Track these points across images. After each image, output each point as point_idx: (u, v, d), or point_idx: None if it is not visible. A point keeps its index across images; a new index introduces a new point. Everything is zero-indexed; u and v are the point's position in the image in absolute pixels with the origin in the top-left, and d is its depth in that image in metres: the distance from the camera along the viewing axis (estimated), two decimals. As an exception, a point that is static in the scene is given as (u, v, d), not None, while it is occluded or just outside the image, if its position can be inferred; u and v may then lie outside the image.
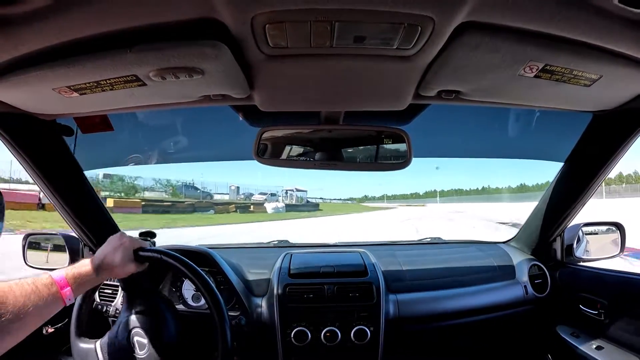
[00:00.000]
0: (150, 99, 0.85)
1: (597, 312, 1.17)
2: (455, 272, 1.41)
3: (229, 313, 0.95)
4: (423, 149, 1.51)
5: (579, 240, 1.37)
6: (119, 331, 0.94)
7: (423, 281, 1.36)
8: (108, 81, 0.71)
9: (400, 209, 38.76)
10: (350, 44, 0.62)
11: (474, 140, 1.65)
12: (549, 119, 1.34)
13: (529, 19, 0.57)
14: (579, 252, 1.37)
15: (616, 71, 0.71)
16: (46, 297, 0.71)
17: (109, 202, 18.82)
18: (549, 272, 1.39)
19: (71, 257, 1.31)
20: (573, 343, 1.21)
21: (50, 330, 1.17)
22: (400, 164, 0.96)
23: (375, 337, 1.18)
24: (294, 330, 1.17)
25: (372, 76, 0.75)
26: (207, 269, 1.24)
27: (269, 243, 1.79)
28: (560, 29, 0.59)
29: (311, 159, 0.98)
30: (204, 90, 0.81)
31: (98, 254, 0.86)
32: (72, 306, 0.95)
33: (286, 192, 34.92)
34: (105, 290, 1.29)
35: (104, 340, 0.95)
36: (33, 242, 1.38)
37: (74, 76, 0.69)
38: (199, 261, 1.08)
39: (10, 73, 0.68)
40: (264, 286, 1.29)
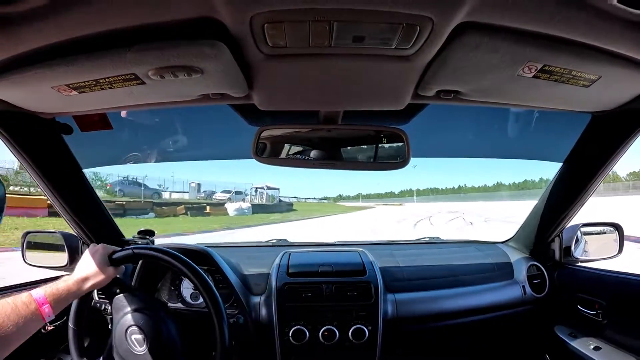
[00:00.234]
0: (149, 97, 0.85)
1: (595, 313, 1.18)
2: (453, 272, 1.41)
3: (227, 312, 0.95)
4: (421, 149, 1.52)
5: (577, 240, 1.37)
6: (116, 334, 0.95)
7: (421, 281, 1.36)
8: (107, 80, 0.71)
9: (379, 209, 36.88)
10: (349, 43, 0.62)
11: (472, 141, 1.65)
12: (547, 119, 1.35)
13: (528, 19, 0.57)
14: (578, 253, 1.37)
15: (615, 72, 0.71)
16: (26, 315, 0.73)
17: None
18: (547, 273, 1.39)
19: (70, 255, 1.31)
20: (571, 343, 1.21)
21: (49, 328, 1.17)
22: (398, 163, 0.96)
23: (373, 336, 1.18)
24: (292, 329, 1.18)
25: (370, 76, 0.75)
26: (206, 267, 1.24)
27: (267, 242, 1.80)
28: (559, 30, 0.59)
29: (310, 158, 0.98)
30: (203, 89, 0.81)
31: (76, 268, 0.90)
32: (71, 305, 0.96)
33: (256, 190, 30.06)
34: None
35: (105, 356, 0.97)
36: (32, 241, 1.38)
37: (73, 75, 0.69)
38: (198, 260, 1.08)
39: (9, 71, 0.68)
40: (262, 285, 1.30)
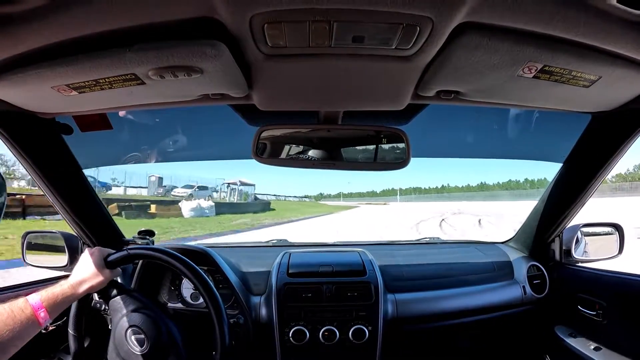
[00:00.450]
0: (149, 97, 0.85)
1: (595, 313, 1.17)
2: (453, 272, 1.41)
3: (227, 312, 0.95)
4: (421, 149, 1.52)
5: (577, 241, 1.37)
6: (115, 336, 0.96)
7: (421, 281, 1.36)
8: (107, 80, 0.71)
9: (363, 208, 35.58)
10: (349, 43, 0.62)
11: (472, 141, 1.65)
12: (547, 119, 1.34)
13: (528, 19, 0.57)
14: (578, 253, 1.37)
15: (615, 72, 0.70)
16: (22, 320, 0.73)
17: None
18: (547, 273, 1.39)
19: (70, 255, 1.31)
20: (571, 344, 1.21)
21: (50, 328, 1.17)
22: (398, 163, 0.96)
23: (373, 336, 1.18)
24: (292, 329, 1.18)
25: (370, 76, 0.75)
26: (206, 267, 1.24)
27: (267, 242, 1.80)
28: (559, 30, 0.59)
29: (310, 158, 0.98)
30: (202, 90, 0.81)
31: (73, 272, 0.91)
32: (70, 308, 0.96)
33: (228, 186, 26.83)
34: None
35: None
36: (32, 241, 1.38)
37: (73, 75, 0.69)
38: (198, 260, 1.08)
39: (9, 71, 0.68)
40: (262, 285, 1.29)
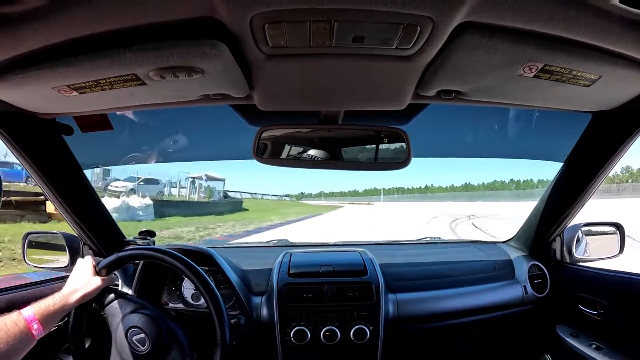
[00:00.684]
0: (150, 98, 0.85)
1: (596, 312, 1.17)
2: (454, 271, 1.41)
3: (228, 312, 0.95)
4: (422, 149, 1.51)
5: (578, 240, 1.37)
6: (117, 340, 0.96)
7: (422, 281, 1.36)
8: (107, 80, 0.71)
9: (348, 208, 34.24)
10: (350, 43, 0.62)
11: (473, 140, 1.65)
12: (548, 119, 1.34)
13: (529, 19, 0.57)
14: (579, 252, 1.36)
15: (615, 72, 0.70)
16: (15, 333, 0.74)
17: None
18: (548, 272, 1.39)
19: (71, 256, 1.31)
20: (572, 343, 1.21)
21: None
22: (399, 163, 0.96)
23: (374, 336, 1.18)
24: (294, 329, 1.18)
25: (371, 76, 0.75)
26: (207, 268, 1.24)
27: (268, 242, 1.80)
28: (559, 29, 0.58)
29: (310, 158, 0.98)
30: (203, 90, 0.81)
31: (66, 283, 0.91)
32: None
33: (193, 182, 22.27)
34: None
35: None
36: (33, 241, 1.38)
37: (73, 75, 0.69)
38: (199, 260, 1.08)
39: (9, 72, 0.68)
40: (263, 285, 1.29)
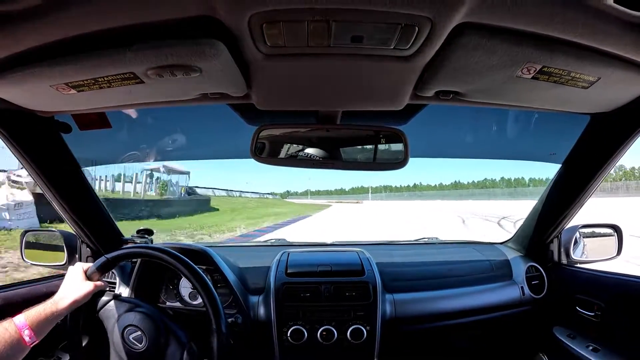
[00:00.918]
0: (148, 96, 0.85)
1: (593, 314, 1.18)
2: (452, 272, 1.41)
3: (225, 311, 0.95)
4: (420, 149, 1.52)
5: (576, 241, 1.37)
6: (114, 341, 0.97)
7: (420, 281, 1.36)
8: (106, 78, 0.71)
9: (337, 207, 33.40)
10: (348, 43, 0.62)
11: (471, 141, 1.65)
12: (546, 120, 1.34)
13: (528, 20, 0.57)
14: (576, 254, 1.37)
15: (614, 73, 0.70)
16: (8, 341, 0.75)
17: None
18: (546, 273, 1.39)
19: (69, 254, 1.31)
20: (569, 344, 1.21)
21: None
22: (397, 163, 0.96)
23: (371, 336, 1.18)
24: (291, 329, 1.18)
25: (369, 76, 0.75)
26: (204, 266, 1.24)
27: (266, 242, 1.80)
28: (558, 31, 0.59)
29: (308, 157, 0.98)
30: (201, 89, 0.81)
31: (59, 289, 0.92)
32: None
33: (151, 175, 18.07)
34: None
35: None
36: (31, 240, 1.38)
37: (71, 73, 0.69)
38: (197, 259, 1.08)
39: (8, 70, 0.68)
40: (260, 284, 1.30)
